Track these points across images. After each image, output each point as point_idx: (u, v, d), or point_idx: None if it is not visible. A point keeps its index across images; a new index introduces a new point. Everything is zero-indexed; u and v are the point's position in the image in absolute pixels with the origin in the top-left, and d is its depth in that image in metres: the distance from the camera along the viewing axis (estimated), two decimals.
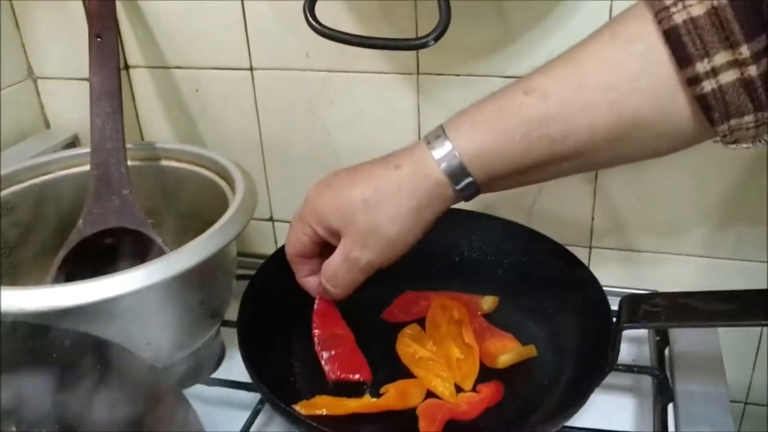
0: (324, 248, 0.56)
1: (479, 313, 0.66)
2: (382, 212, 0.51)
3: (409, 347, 0.62)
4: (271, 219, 0.86)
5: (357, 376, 0.59)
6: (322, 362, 0.60)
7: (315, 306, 0.60)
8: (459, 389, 0.59)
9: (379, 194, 0.51)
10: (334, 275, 0.54)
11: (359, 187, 0.51)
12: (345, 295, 0.56)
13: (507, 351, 0.61)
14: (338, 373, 0.59)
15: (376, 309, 0.67)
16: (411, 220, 0.51)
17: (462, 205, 0.53)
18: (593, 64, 0.46)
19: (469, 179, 0.49)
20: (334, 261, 0.54)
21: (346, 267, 0.53)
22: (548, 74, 0.48)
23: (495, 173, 0.49)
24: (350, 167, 0.54)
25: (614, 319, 0.56)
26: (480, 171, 0.49)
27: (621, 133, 0.46)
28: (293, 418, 0.52)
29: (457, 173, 0.49)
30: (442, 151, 0.49)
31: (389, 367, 0.61)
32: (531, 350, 0.61)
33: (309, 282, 0.59)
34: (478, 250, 0.72)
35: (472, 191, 0.50)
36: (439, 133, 0.50)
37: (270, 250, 0.70)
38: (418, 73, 0.72)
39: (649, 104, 0.45)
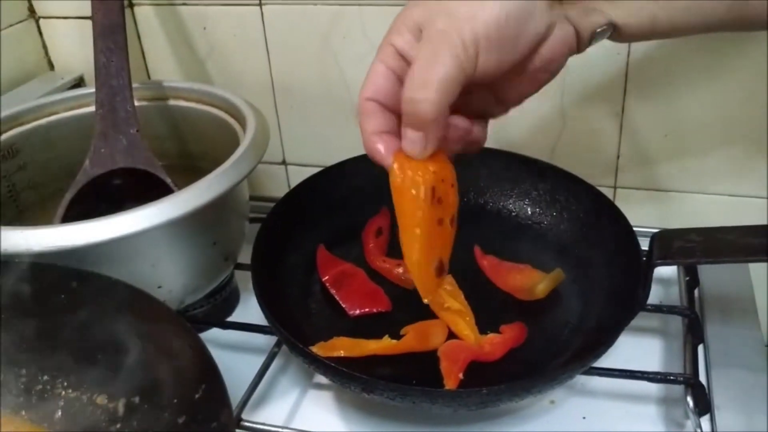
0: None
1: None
2: None
3: (439, 297, 0.59)
4: (283, 162, 0.84)
5: (377, 308, 0.59)
6: (339, 301, 0.59)
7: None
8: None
9: None
10: (422, 74, 0.41)
11: None
12: (438, 113, 0.41)
13: (538, 280, 0.59)
14: (357, 309, 0.59)
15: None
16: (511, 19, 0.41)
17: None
18: None
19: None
20: (418, 58, 0.42)
21: (433, 55, 0.41)
22: None
23: None
24: None
25: (644, 257, 0.54)
26: None
27: None
28: (311, 359, 0.51)
29: None
30: None
31: (407, 309, 0.59)
32: (560, 274, 0.60)
33: (381, 139, 0.45)
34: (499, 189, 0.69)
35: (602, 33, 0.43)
36: None
37: (283, 194, 0.67)
38: None
39: None
